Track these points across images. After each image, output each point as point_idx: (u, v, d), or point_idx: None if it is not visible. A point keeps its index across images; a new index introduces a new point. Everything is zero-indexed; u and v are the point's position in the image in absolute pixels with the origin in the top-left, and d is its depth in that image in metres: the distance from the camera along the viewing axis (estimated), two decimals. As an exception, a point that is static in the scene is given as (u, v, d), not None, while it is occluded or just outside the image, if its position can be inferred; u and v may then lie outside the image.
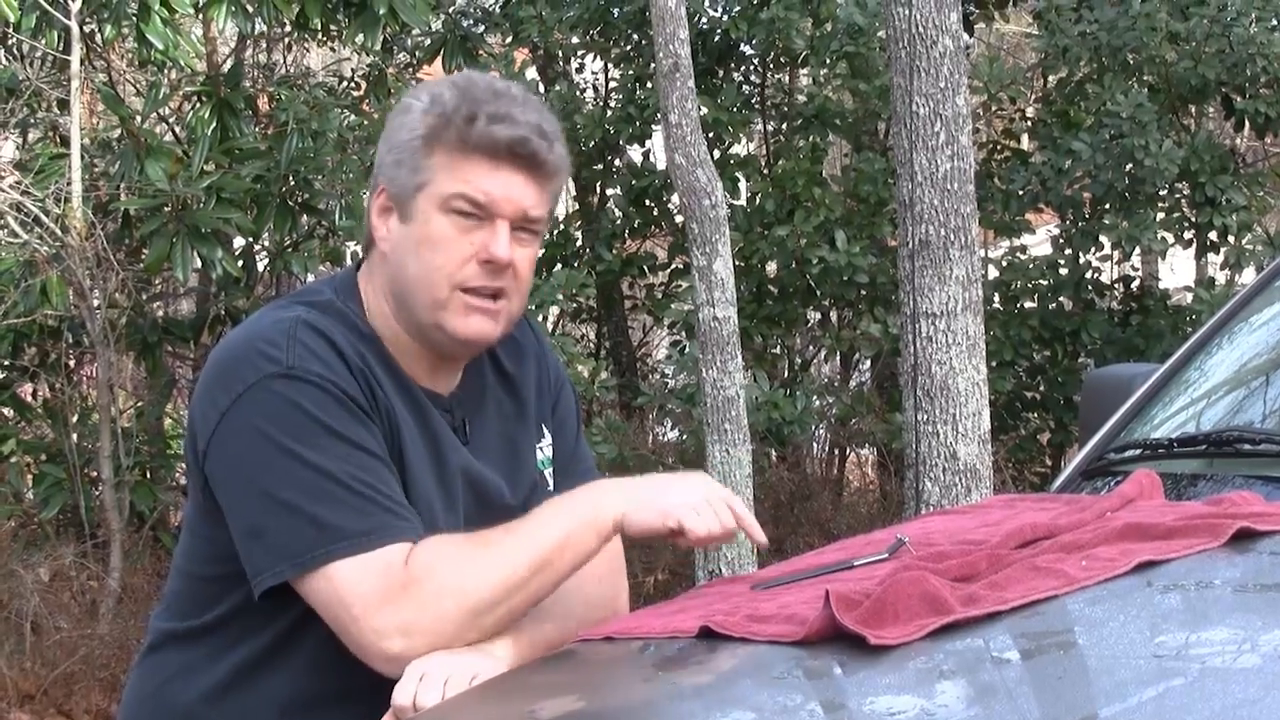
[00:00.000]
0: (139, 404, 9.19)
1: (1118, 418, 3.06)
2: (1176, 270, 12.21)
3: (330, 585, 2.24)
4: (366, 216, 2.46)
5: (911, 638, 1.90)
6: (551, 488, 2.55)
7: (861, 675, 1.86)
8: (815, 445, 10.02)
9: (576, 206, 10.38)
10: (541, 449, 2.57)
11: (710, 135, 8.65)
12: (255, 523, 2.29)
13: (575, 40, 10.05)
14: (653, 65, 7.49)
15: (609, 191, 10.10)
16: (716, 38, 9.63)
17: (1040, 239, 10.30)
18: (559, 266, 9.32)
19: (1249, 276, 9.39)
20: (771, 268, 9.44)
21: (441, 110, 2.36)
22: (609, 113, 9.74)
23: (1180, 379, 3.11)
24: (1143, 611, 2.00)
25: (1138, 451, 2.90)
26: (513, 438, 2.53)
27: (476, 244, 2.36)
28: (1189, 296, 9.47)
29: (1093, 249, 9.27)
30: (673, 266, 9.98)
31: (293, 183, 8.34)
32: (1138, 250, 9.14)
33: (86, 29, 8.22)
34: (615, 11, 9.74)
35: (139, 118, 8.38)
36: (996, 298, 9.24)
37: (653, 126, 9.40)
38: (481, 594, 2.25)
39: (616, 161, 10.04)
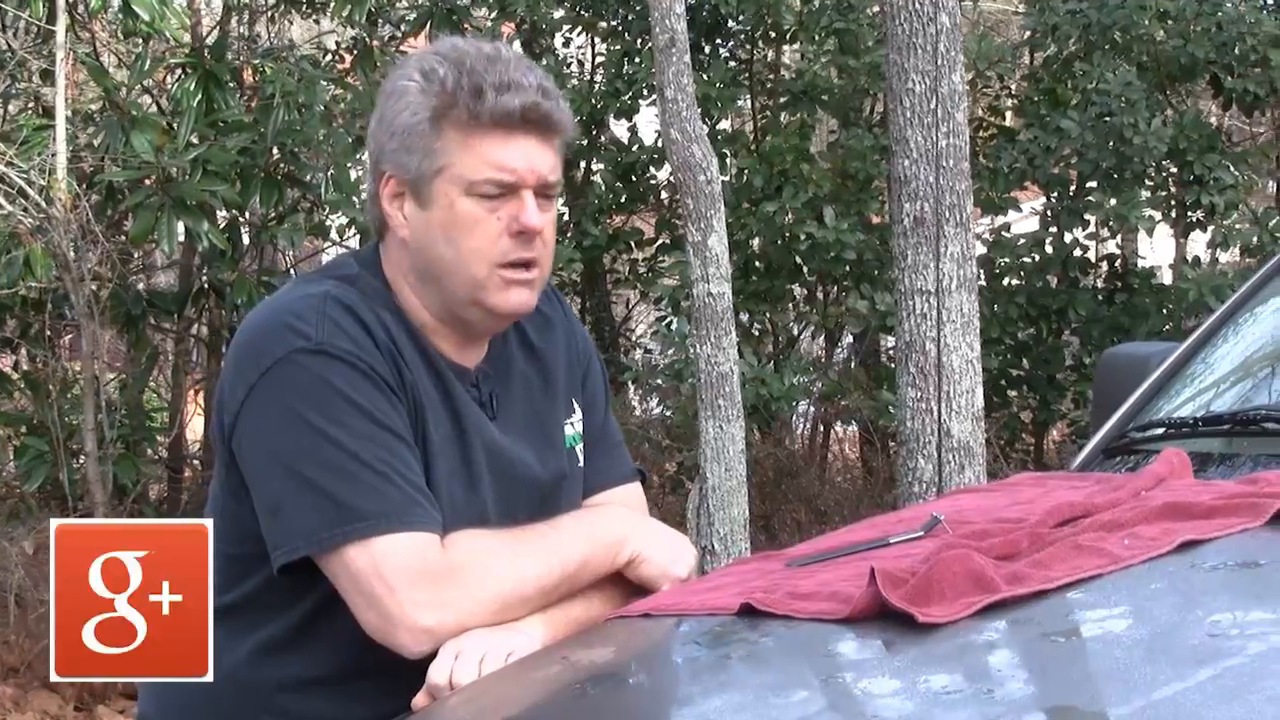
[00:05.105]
0: (122, 377, 9.12)
1: (1138, 396, 3.05)
2: (1156, 249, 12.24)
3: (367, 557, 2.21)
4: (373, 203, 2.41)
5: (959, 616, 1.88)
6: (582, 464, 2.53)
7: (912, 654, 1.83)
8: (801, 421, 10.01)
9: (563, 181, 10.35)
10: (571, 424, 2.54)
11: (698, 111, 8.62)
12: (276, 498, 2.27)
13: (561, 15, 10.01)
14: (640, 40, 7.45)
15: (595, 166, 10.07)
16: (705, 12, 9.59)
17: (1023, 215, 10.31)
18: (545, 241, 9.28)
19: (1234, 255, 9.41)
20: (758, 244, 9.42)
21: (442, 88, 2.32)
22: (595, 88, 9.70)
23: (1201, 357, 3.10)
24: (1191, 590, 1.99)
25: (1160, 430, 2.89)
26: (540, 411, 2.51)
27: (505, 218, 2.34)
28: (1169, 275, 9.48)
29: (1078, 227, 9.27)
30: (660, 242, 9.95)
31: (278, 155, 8.28)
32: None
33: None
34: (603, -14, 9.71)
35: (124, 89, 8.30)
36: (982, 275, 9.23)
37: (640, 101, 9.36)
38: (519, 588, 2.26)
39: (602, 137, 10.01)
